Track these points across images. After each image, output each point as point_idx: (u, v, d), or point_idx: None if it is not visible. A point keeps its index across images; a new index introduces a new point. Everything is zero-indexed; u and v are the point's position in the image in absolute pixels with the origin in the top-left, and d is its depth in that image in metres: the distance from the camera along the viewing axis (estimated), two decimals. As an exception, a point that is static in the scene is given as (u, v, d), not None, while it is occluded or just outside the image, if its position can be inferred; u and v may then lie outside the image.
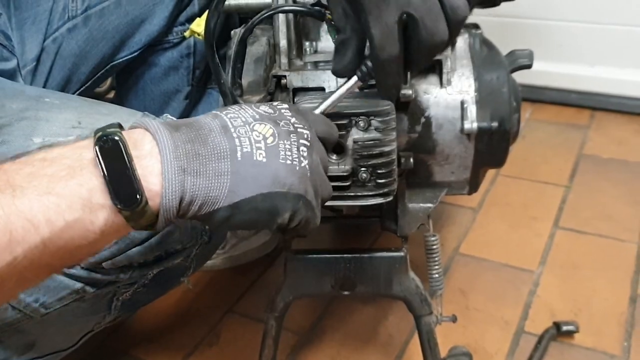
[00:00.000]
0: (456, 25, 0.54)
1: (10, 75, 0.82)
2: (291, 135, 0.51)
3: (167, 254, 0.71)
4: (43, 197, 0.43)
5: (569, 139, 1.53)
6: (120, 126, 0.47)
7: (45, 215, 0.43)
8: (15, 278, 0.44)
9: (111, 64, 0.94)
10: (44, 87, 0.87)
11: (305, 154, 0.51)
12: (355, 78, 0.59)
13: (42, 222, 0.43)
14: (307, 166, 0.51)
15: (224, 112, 0.51)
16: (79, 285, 0.70)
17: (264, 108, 0.52)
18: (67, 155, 0.45)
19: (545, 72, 1.65)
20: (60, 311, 0.72)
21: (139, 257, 0.69)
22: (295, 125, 0.52)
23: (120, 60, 0.94)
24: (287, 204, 0.50)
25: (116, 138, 0.45)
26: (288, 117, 0.52)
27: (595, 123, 1.60)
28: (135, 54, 0.95)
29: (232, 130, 0.49)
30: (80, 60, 0.89)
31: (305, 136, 0.52)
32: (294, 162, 0.50)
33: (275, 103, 0.54)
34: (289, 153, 0.50)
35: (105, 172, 0.44)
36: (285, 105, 0.54)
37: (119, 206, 0.45)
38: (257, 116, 0.51)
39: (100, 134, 0.45)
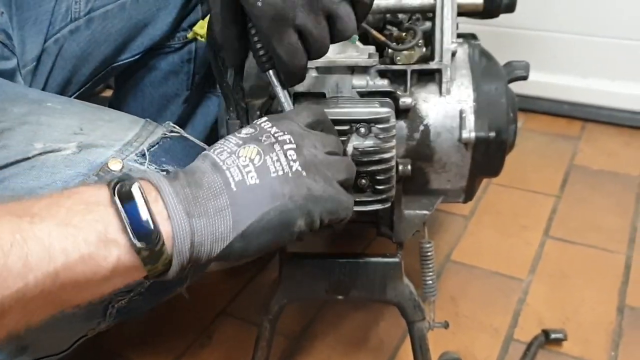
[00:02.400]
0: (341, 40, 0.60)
1: (10, 75, 0.82)
2: (274, 146, 0.53)
3: None
4: (61, 227, 0.44)
5: (560, 150, 1.55)
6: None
7: (61, 245, 0.43)
8: (21, 308, 0.44)
9: (112, 65, 0.93)
10: (44, 87, 0.86)
11: (294, 156, 0.53)
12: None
13: (57, 251, 0.43)
14: (299, 167, 0.53)
15: (211, 150, 0.53)
16: None
17: (245, 131, 0.55)
18: (82, 191, 0.47)
19: (539, 82, 1.67)
20: (55, 318, 0.72)
21: None
22: (276, 134, 0.54)
23: (121, 62, 0.94)
24: (294, 212, 0.52)
25: (132, 182, 0.47)
26: (268, 129, 0.55)
27: (586, 134, 1.62)
28: (137, 57, 0.95)
29: (221, 164, 0.51)
30: (81, 62, 0.89)
31: (288, 140, 0.54)
32: (285, 170, 0.52)
33: (256, 121, 0.57)
34: (278, 164, 0.52)
35: (124, 212, 0.46)
36: (264, 118, 0.57)
37: (138, 245, 0.46)
38: (240, 142, 0.53)
39: (116, 180, 0.47)
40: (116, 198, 0.46)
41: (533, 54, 1.63)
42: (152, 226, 0.46)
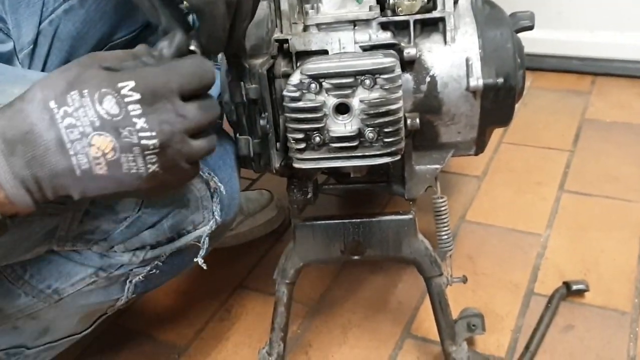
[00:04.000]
0: None
1: (7, 59, 0.82)
2: (134, 148, 0.49)
3: (179, 235, 0.72)
4: None
5: (571, 105, 1.53)
6: None
7: None
8: None
9: (110, 44, 0.92)
10: (43, 70, 0.86)
11: (153, 159, 0.51)
12: None
13: None
14: (156, 169, 0.51)
15: (60, 112, 0.48)
16: (91, 270, 0.71)
17: (108, 107, 0.48)
18: None
19: (546, 39, 1.65)
20: (73, 296, 0.73)
21: (151, 239, 0.70)
22: (140, 134, 0.49)
23: (119, 40, 0.93)
24: (138, 196, 0.54)
25: None
26: (134, 121, 0.49)
27: (596, 88, 1.60)
28: (134, 33, 0.94)
29: (69, 146, 0.48)
30: (78, 42, 0.88)
31: (152, 145, 0.50)
32: (140, 171, 0.50)
33: (125, 86, 0.49)
34: (133, 164, 0.50)
35: None
36: (137, 96, 0.49)
37: None
38: (98, 123, 0.48)
39: None
40: None
41: (537, 11, 1.56)
42: None
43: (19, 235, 0.64)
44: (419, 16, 0.70)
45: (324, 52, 0.70)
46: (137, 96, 0.49)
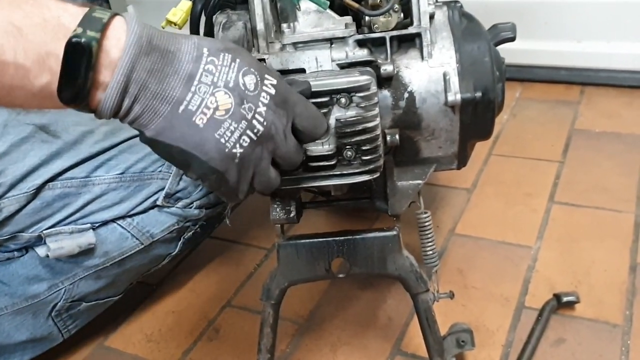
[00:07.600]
0: None
1: None
2: (242, 121, 0.52)
3: (217, 203, 1.01)
4: (8, 26, 0.44)
5: (560, 115, 1.53)
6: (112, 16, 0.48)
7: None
8: None
9: None
10: None
11: (245, 144, 0.53)
12: None
13: None
14: (238, 153, 0.53)
15: (208, 59, 0.51)
16: (175, 219, 0.97)
17: (248, 81, 0.52)
18: (51, 6, 0.47)
19: (533, 50, 1.65)
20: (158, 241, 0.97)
21: (209, 200, 0.99)
22: (257, 116, 0.53)
23: None
24: (198, 169, 0.52)
25: (91, 45, 0.46)
26: (259, 105, 0.53)
27: (585, 98, 1.60)
28: None
29: (195, 83, 0.50)
30: None
31: (256, 131, 0.53)
32: (227, 144, 0.52)
33: (269, 80, 0.54)
34: (228, 134, 0.51)
35: (63, 74, 0.46)
36: (273, 91, 0.54)
37: (62, 101, 0.48)
38: (231, 84, 0.51)
39: (79, 31, 0.46)
40: (65, 55, 0.46)
41: (524, 22, 1.57)
42: (83, 97, 0.48)
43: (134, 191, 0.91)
44: (395, 32, 0.70)
45: (302, 71, 0.70)
46: (272, 91, 0.54)
